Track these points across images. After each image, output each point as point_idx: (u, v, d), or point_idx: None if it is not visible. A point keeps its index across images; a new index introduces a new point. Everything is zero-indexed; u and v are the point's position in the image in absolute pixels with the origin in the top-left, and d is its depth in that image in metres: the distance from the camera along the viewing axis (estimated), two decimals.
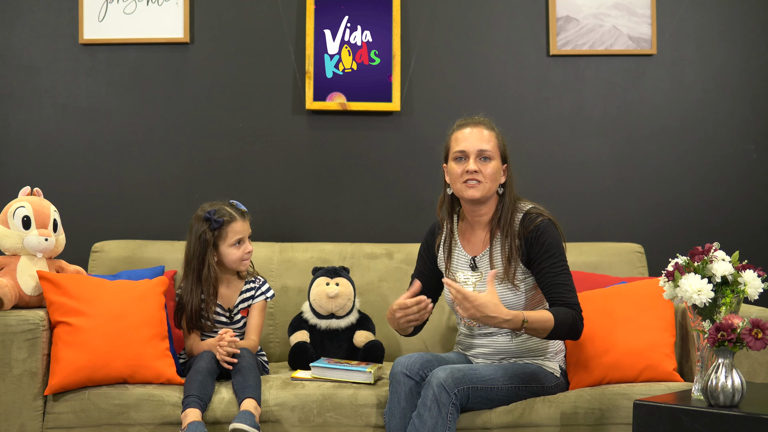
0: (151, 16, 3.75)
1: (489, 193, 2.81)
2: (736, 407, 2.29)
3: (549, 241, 2.76)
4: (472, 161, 2.79)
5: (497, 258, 2.82)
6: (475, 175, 2.78)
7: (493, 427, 2.77)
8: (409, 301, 2.70)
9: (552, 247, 2.76)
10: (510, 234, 2.79)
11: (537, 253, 2.77)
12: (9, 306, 2.89)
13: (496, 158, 2.81)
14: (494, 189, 2.82)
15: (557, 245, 2.77)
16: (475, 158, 2.79)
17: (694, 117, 3.85)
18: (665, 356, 2.92)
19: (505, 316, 2.59)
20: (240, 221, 3.10)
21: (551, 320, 2.65)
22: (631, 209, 3.84)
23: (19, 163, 3.74)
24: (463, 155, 2.81)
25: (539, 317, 2.65)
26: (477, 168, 2.78)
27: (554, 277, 2.74)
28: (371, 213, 3.81)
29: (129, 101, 3.78)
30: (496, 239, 2.83)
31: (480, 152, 2.79)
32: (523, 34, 3.83)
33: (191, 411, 2.72)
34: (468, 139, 2.81)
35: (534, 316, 2.64)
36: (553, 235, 2.78)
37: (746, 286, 2.44)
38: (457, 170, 2.81)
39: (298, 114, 3.80)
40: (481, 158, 2.79)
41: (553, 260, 2.75)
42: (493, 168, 2.80)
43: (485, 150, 2.79)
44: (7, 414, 2.82)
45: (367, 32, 3.77)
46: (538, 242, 2.76)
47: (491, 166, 2.80)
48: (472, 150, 2.80)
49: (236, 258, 3.10)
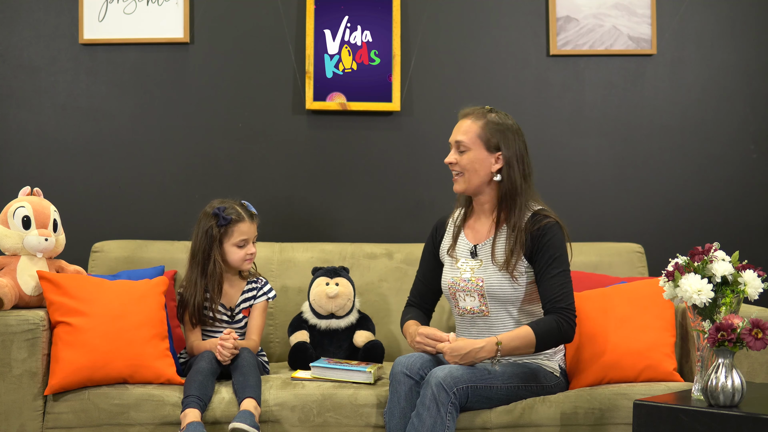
0: (151, 16, 3.75)
1: (471, 185, 2.85)
2: (736, 407, 2.29)
3: (552, 242, 2.77)
4: (451, 153, 2.88)
5: (499, 248, 2.82)
6: (452, 166, 2.87)
7: (492, 426, 2.77)
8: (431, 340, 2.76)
9: (553, 247, 2.77)
10: (517, 227, 2.80)
11: (539, 252, 2.77)
12: (9, 306, 2.89)
13: (474, 148, 2.83)
14: (478, 180, 2.84)
15: (559, 247, 2.78)
16: (454, 150, 2.87)
17: (694, 117, 3.85)
18: (665, 356, 2.92)
19: (478, 345, 2.67)
20: (248, 222, 3.10)
21: (530, 335, 2.69)
22: (631, 209, 3.84)
23: (19, 163, 3.75)
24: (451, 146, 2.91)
25: (515, 335, 2.69)
26: (453, 159, 2.87)
27: (551, 278, 2.75)
28: (371, 213, 3.81)
29: (129, 101, 3.78)
30: (501, 230, 2.84)
31: (456, 144, 2.87)
32: (523, 34, 3.83)
33: (190, 411, 2.72)
34: (454, 130, 2.89)
35: (509, 336, 2.69)
36: (558, 237, 2.79)
37: (746, 286, 2.44)
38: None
39: (298, 114, 3.80)
40: (458, 150, 2.86)
41: (553, 261, 2.76)
42: (468, 158, 2.84)
43: (460, 141, 2.85)
44: (7, 414, 2.82)
45: (367, 32, 3.77)
46: (541, 241, 2.77)
47: (466, 156, 2.84)
48: (452, 141, 2.89)
49: (238, 258, 3.10)
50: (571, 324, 2.74)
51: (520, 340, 2.69)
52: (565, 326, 2.72)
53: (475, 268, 2.85)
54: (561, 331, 2.72)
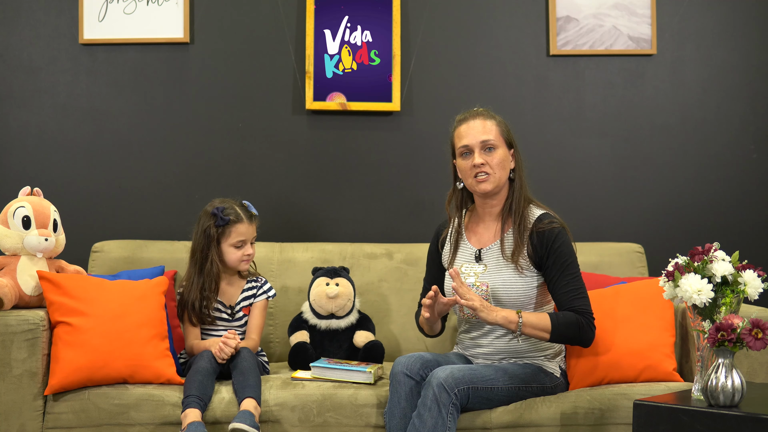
0: (151, 16, 3.75)
1: (501, 182, 2.83)
2: (736, 407, 2.29)
3: (562, 249, 2.77)
4: (477, 155, 2.80)
5: (508, 247, 2.82)
6: (483, 167, 2.80)
7: (493, 427, 2.77)
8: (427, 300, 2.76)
9: (564, 254, 2.77)
10: (522, 225, 2.80)
11: (550, 258, 2.77)
12: (9, 306, 2.89)
13: (501, 146, 2.82)
14: (505, 177, 2.84)
15: (570, 253, 2.79)
16: (480, 151, 2.80)
17: (694, 117, 3.85)
18: (665, 356, 2.92)
19: (502, 311, 2.69)
20: (246, 224, 3.11)
21: (547, 320, 2.70)
22: (631, 209, 3.84)
23: (19, 163, 3.75)
24: (467, 150, 2.83)
25: (536, 316, 2.71)
26: (483, 160, 2.80)
27: (566, 284, 2.75)
28: (371, 213, 3.81)
29: (129, 101, 3.78)
30: (508, 232, 2.84)
31: (483, 143, 2.81)
32: (523, 34, 3.83)
33: (191, 411, 2.72)
34: (469, 133, 2.82)
35: (531, 314, 2.71)
36: (567, 243, 2.79)
37: (746, 286, 2.44)
38: (466, 166, 2.83)
39: (298, 114, 3.80)
40: (486, 149, 2.81)
41: (566, 267, 2.76)
42: (499, 156, 2.81)
43: (488, 140, 2.81)
44: (7, 414, 2.82)
45: (367, 32, 3.77)
46: (552, 247, 2.77)
47: (497, 155, 2.81)
48: (475, 143, 2.81)
49: (235, 258, 3.10)
50: (591, 327, 2.75)
51: (538, 321, 2.70)
52: (587, 329, 2.73)
53: (480, 273, 2.84)
54: (582, 330, 2.72)
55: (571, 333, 2.72)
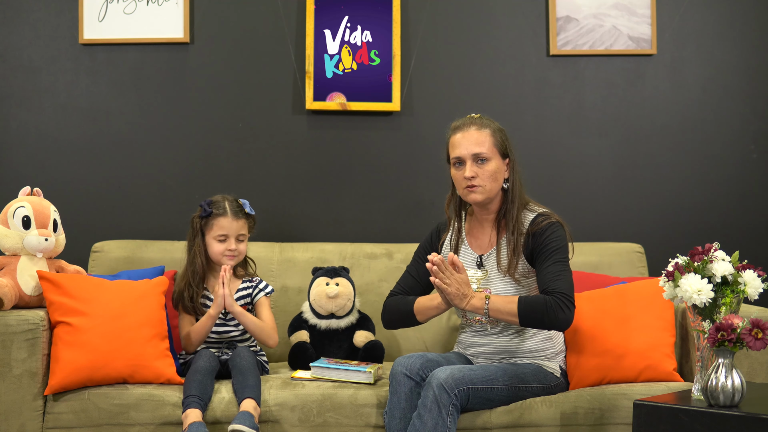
0: (151, 16, 3.75)
1: (491, 194, 2.81)
2: (736, 407, 2.29)
3: (552, 237, 2.76)
4: (468, 167, 2.79)
5: (504, 255, 2.82)
6: (473, 180, 2.78)
7: (493, 427, 2.77)
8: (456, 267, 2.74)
9: (553, 242, 2.75)
10: (516, 231, 2.80)
11: (538, 248, 2.77)
12: (9, 306, 2.89)
13: (494, 157, 2.81)
14: (497, 188, 2.82)
15: (559, 241, 2.76)
16: (472, 163, 2.79)
17: (694, 117, 3.85)
18: (665, 356, 2.92)
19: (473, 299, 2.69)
20: (230, 218, 3.11)
21: (514, 303, 2.67)
22: (631, 209, 3.84)
23: (19, 163, 3.75)
24: (459, 161, 2.82)
25: (504, 299, 2.70)
26: (473, 173, 2.78)
27: (547, 267, 2.73)
28: (371, 213, 3.81)
29: (129, 101, 3.78)
30: (503, 238, 2.83)
31: (475, 156, 2.79)
32: (523, 34, 3.83)
33: (192, 411, 2.72)
34: (462, 144, 2.81)
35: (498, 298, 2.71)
36: (558, 233, 2.78)
37: (746, 286, 2.44)
38: (458, 176, 2.83)
39: (298, 114, 3.80)
40: (478, 161, 2.79)
41: (552, 252, 2.74)
42: (491, 168, 2.79)
43: (480, 153, 2.79)
44: (7, 414, 2.82)
45: (367, 32, 3.77)
46: (541, 238, 2.76)
47: (489, 167, 2.79)
48: (466, 155, 2.79)
49: (217, 252, 3.12)
50: (562, 307, 2.64)
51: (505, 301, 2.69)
52: (553, 306, 2.64)
53: (482, 280, 2.84)
54: (547, 308, 2.64)
55: (538, 314, 2.65)
